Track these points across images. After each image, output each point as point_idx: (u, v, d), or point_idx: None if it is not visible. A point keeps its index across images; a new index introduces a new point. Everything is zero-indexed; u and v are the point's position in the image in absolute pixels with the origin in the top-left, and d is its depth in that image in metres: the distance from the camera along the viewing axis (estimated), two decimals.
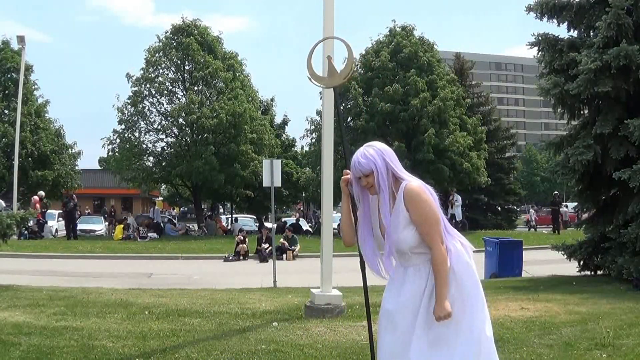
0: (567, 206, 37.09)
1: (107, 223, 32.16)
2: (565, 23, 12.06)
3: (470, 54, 60.02)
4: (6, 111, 31.21)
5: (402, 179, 3.18)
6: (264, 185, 13.35)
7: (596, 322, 6.80)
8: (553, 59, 11.83)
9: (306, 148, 37.28)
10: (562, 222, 31.44)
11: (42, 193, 26.91)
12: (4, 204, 22.88)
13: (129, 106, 29.97)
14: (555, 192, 34.88)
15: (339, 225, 28.49)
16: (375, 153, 3.19)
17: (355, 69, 4.47)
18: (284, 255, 18.13)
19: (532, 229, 36.46)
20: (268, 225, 27.45)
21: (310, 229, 30.43)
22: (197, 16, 53.54)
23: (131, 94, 30.03)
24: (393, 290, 3.26)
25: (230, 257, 18.12)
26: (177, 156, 30.16)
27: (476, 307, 3.15)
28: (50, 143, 32.00)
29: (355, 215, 3.39)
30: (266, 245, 18.11)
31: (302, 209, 40.89)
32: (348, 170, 3.42)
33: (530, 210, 43.62)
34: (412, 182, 3.16)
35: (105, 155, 35.02)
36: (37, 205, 24.62)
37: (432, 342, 3.11)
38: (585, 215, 13.60)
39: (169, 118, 30.28)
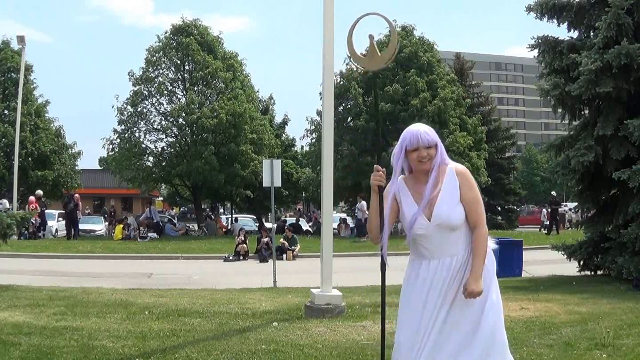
0: (566, 206, 36.99)
1: (107, 223, 32.16)
2: (566, 23, 12.06)
3: (470, 54, 60.15)
4: (6, 111, 31.23)
5: (447, 161, 3.34)
6: (264, 185, 13.33)
7: (596, 322, 6.79)
8: (553, 60, 11.82)
9: (306, 148, 37.31)
10: (561, 222, 31.34)
11: (39, 192, 26.55)
12: (7, 205, 22.82)
13: (129, 107, 29.97)
14: (553, 192, 34.82)
15: (338, 225, 28.48)
16: (433, 131, 3.35)
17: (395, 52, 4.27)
18: (284, 255, 18.11)
19: (544, 229, 36.33)
20: (268, 225, 27.42)
21: (310, 229, 30.42)
22: (197, 16, 53.40)
23: (131, 94, 30.04)
24: (418, 284, 3.29)
25: (230, 257, 18.11)
26: (177, 156, 30.15)
27: (498, 296, 3.31)
28: (50, 143, 32.01)
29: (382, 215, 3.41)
30: (266, 240, 18.08)
31: (300, 209, 40.86)
32: (379, 166, 3.42)
33: (543, 210, 43.49)
34: (459, 165, 3.35)
35: (105, 155, 35.08)
36: (32, 206, 24.41)
37: (455, 325, 3.20)
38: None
39: (169, 118, 30.27)
